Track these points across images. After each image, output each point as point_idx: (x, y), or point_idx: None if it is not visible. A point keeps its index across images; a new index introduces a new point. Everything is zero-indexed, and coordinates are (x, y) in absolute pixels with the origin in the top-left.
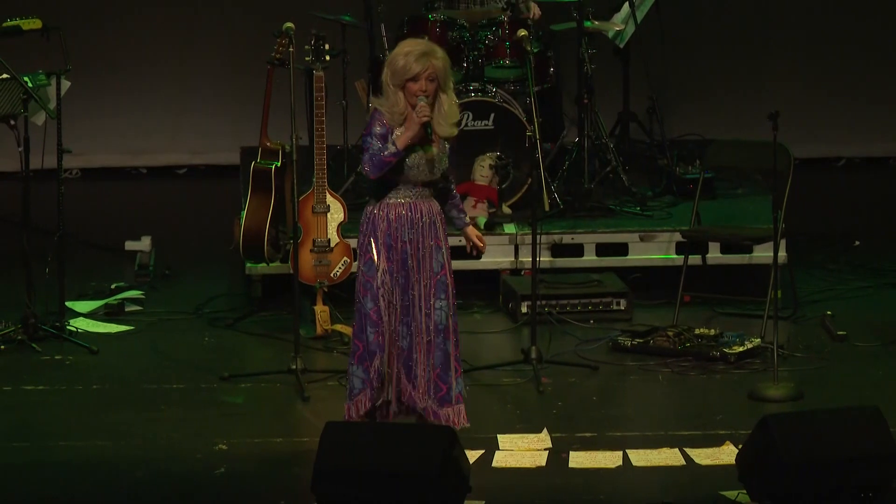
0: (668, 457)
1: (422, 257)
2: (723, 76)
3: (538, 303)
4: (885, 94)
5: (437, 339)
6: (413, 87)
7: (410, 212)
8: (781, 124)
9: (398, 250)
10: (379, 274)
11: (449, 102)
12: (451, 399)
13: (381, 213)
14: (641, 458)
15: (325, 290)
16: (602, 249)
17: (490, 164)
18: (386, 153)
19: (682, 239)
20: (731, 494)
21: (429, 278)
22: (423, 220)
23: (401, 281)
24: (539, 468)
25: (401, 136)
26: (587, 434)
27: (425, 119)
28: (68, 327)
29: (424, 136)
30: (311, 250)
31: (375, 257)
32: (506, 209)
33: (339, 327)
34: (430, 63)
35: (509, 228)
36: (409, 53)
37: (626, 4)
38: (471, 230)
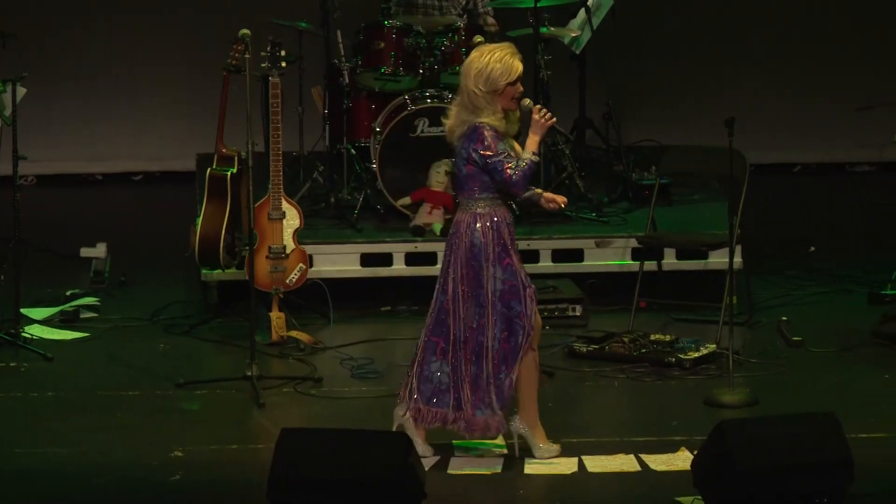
0: (624, 463)
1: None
2: (679, 82)
3: None
4: (841, 100)
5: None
6: (511, 90)
7: (508, 213)
8: (737, 130)
9: (516, 250)
10: (522, 275)
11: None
12: None
13: (496, 219)
14: (597, 464)
15: (281, 296)
16: (558, 255)
17: (446, 171)
18: (531, 165)
19: (637, 245)
20: (686, 500)
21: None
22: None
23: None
24: (495, 474)
25: (532, 143)
26: None
27: (553, 121)
28: (23, 334)
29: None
30: (267, 257)
31: (512, 261)
32: None
33: (294, 334)
34: (520, 63)
35: None
36: (504, 58)
37: (582, 11)
38: (546, 199)
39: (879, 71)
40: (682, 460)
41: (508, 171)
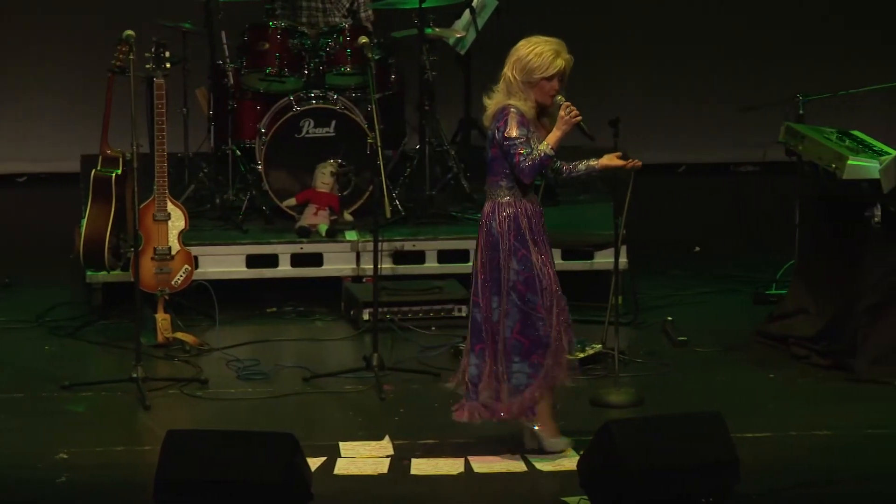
0: (510, 463)
1: (549, 249)
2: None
3: (380, 310)
4: (725, 101)
5: None
6: (547, 85)
7: (534, 206)
8: (622, 131)
9: (542, 244)
10: (538, 268)
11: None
12: None
13: (520, 210)
14: (483, 464)
15: (167, 298)
16: (444, 256)
17: (331, 172)
18: (543, 158)
19: None
20: (572, 501)
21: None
22: (541, 212)
23: (553, 273)
24: (381, 475)
25: (554, 138)
26: (429, 441)
27: (578, 119)
28: None
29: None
30: (152, 258)
31: (529, 253)
32: (347, 216)
33: (180, 335)
34: (563, 61)
35: (351, 236)
36: (543, 53)
37: (467, 11)
38: (608, 160)
39: (763, 72)
40: (568, 460)
41: (519, 157)
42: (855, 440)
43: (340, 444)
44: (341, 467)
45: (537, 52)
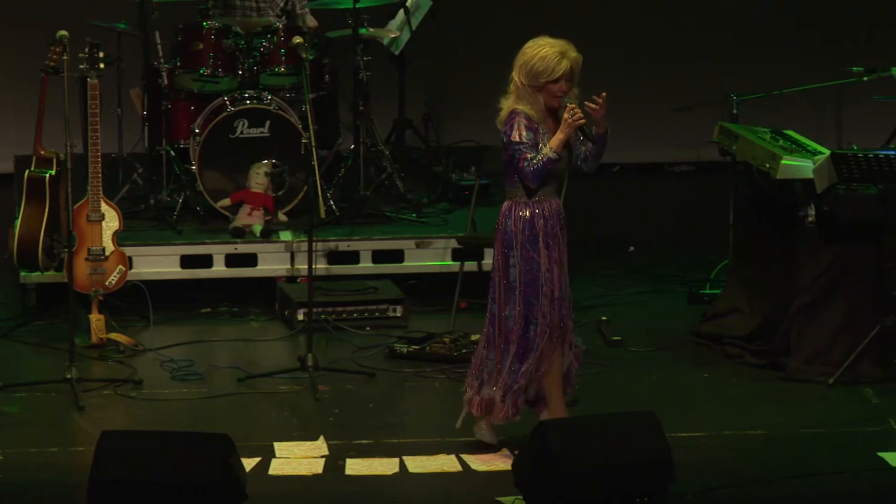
0: (445, 463)
1: (564, 250)
2: (498, 83)
3: (314, 310)
4: (659, 101)
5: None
6: (553, 87)
7: (553, 207)
8: None
9: (556, 246)
10: (543, 273)
11: (577, 94)
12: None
13: (536, 211)
14: (418, 464)
15: (101, 298)
16: (378, 256)
17: (266, 172)
18: (547, 161)
19: (458, 245)
20: (507, 500)
21: (566, 269)
22: (561, 214)
23: (561, 275)
24: (316, 476)
25: (556, 141)
26: (364, 441)
27: (581, 122)
28: None
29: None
30: (86, 259)
31: (538, 256)
32: (282, 217)
33: (114, 336)
34: (569, 62)
35: (285, 236)
36: (547, 56)
37: (401, 11)
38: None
39: (697, 71)
40: (502, 460)
41: (524, 161)
42: (789, 439)
43: (275, 444)
44: (276, 467)
45: (541, 55)
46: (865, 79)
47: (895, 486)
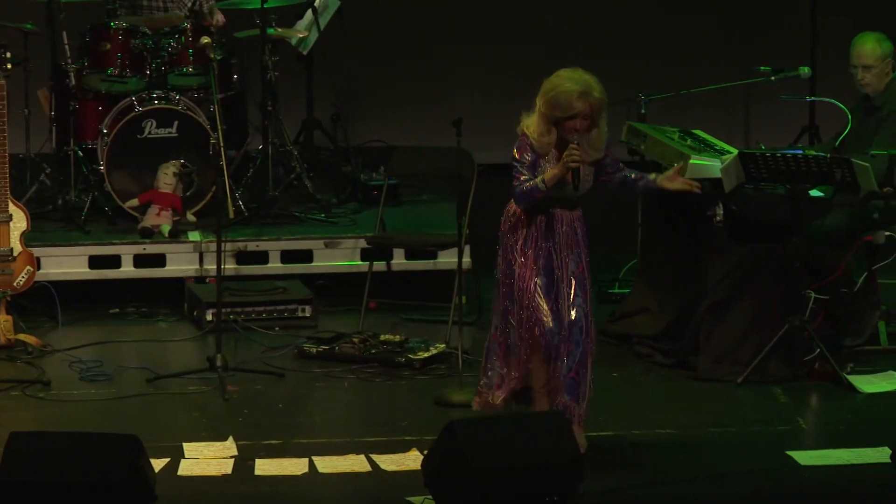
0: (354, 463)
1: (562, 260)
2: (407, 83)
3: (223, 310)
4: None
5: (573, 332)
6: (569, 124)
7: (551, 220)
8: (465, 131)
9: (542, 254)
10: (517, 278)
11: (598, 133)
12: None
13: (525, 218)
14: (328, 464)
15: (9, 299)
16: (287, 256)
17: (174, 172)
18: (534, 188)
19: (367, 245)
20: (417, 500)
21: (568, 277)
22: (563, 228)
23: (544, 281)
24: (225, 476)
25: (549, 174)
26: (273, 441)
27: (575, 165)
28: None
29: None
30: None
31: (517, 260)
32: (190, 217)
33: (22, 337)
34: (587, 103)
35: (194, 236)
36: (567, 92)
37: (309, 11)
38: (668, 180)
39: (601, 71)
40: (412, 460)
41: (516, 180)
42: (698, 438)
43: (184, 444)
44: (185, 468)
45: (563, 89)
46: (773, 78)
47: (804, 485)
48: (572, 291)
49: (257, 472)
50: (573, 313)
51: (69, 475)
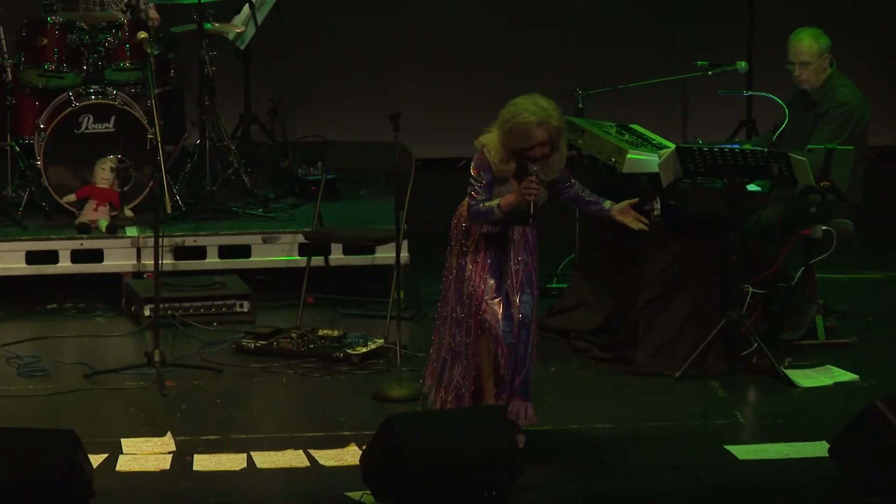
0: (293, 458)
1: (513, 263)
2: (345, 78)
3: (161, 306)
4: (504, 97)
5: (522, 333)
6: (529, 153)
7: (504, 226)
8: (403, 126)
9: (493, 257)
10: (468, 278)
11: (558, 155)
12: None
13: (475, 226)
14: (266, 459)
15: None
16: (225, 251)
17: (111, 167)
18: (488, 211)
19: (304, 240)
20: (355, 495)
21: (518, 279)
22: (515, 236)
23: (495, 283)
24: (163, 472)
25: (506, 201)
26: (212, 437)
27: (531, 199)
28: None
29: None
30: None
31: (468, 265)
32: (128, 212)
33: None
34: (546, 131)
35: (131, 231)
36: (525, 124)
37: (247, 6)
38: (620, 212)
39: (541, 67)
40: (350, 455)
41: (471, 198)
42: (635, 432)
43: (122, 440)
44: (123, 464)
45: (520, 121)
46: (710, 73)
47: (742, 479)
48: (521, 293)
49: (196, 467)
50: (521, 314)
51: (6, 471)
